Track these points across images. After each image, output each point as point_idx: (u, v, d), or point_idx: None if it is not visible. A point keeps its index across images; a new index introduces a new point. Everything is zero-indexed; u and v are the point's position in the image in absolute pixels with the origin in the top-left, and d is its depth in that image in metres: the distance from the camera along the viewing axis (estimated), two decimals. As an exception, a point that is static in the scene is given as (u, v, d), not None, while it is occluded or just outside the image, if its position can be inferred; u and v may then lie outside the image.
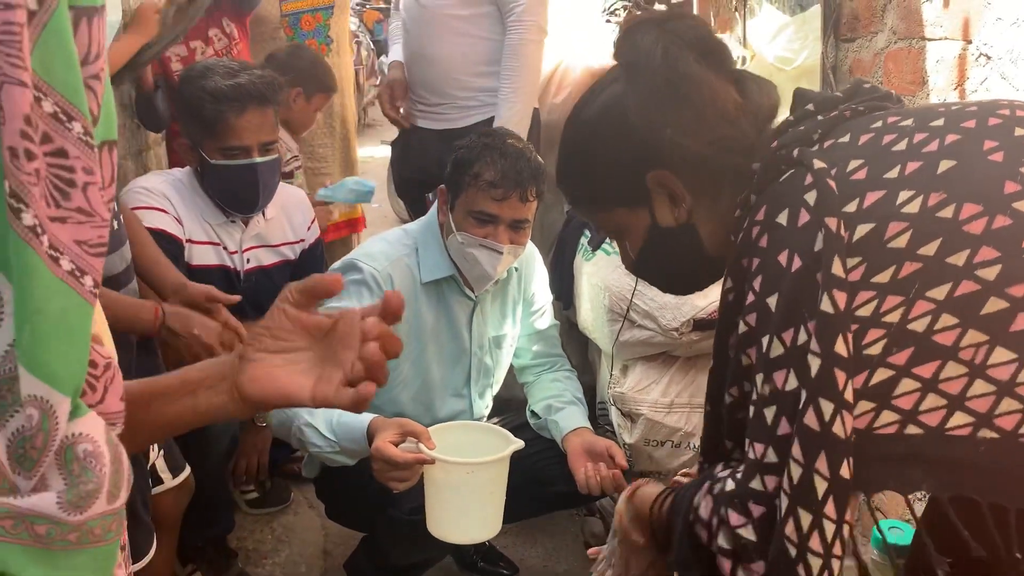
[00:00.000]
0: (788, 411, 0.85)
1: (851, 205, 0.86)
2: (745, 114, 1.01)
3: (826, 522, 0.83)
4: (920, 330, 0.81)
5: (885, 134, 0.91)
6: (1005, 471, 0.80)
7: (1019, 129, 0.87)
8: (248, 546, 2.40)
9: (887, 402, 0.82)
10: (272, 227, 2.27)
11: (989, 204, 0.82)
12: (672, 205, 1.05)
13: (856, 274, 0.83)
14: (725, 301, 0.99)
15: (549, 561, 2.36)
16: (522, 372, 2.22)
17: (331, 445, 1.76)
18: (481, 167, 1.79)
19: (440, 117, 2.62)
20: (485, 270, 1.86)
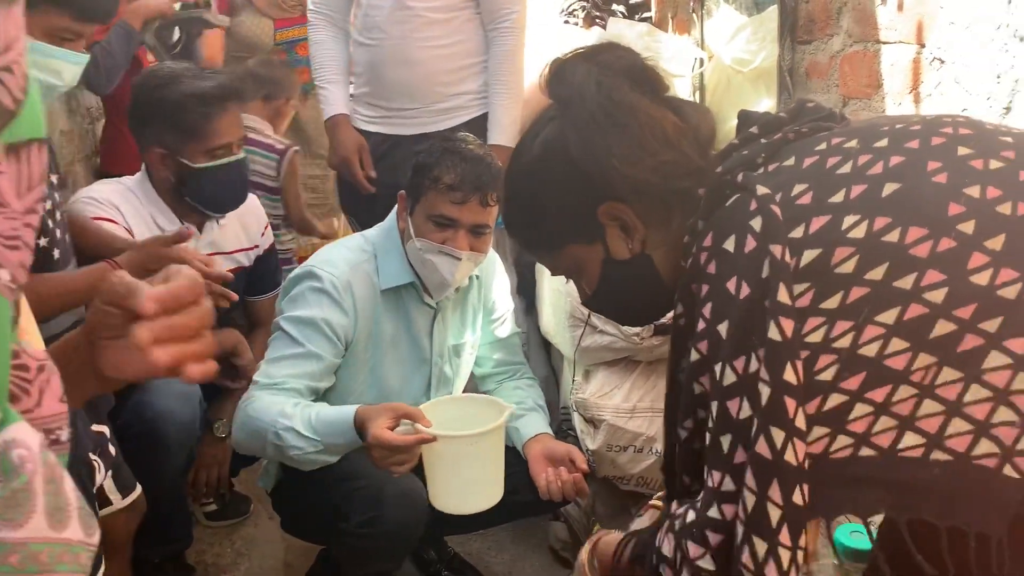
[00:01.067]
0: (743, 439, 0.85)
1: (797, 231, 0.85)
2: (685, 136, 1.01)
3: (781, 550, 0.84)
4: (872, 355, 0.81)
5: (829, 156, 0.90)
6: (961, 494, 0.80)
7: (962, 148, 0.87)
8: (207, 560, 2.35)
9: (842, 427, 0.82)
10: (226, 233, 2.23)
11: (934, 227, 0.82)
12: (625, 236, 1.04)
13: (805, 300, 0.83)
14: (676, 326, 0.99)
15: (514, 567, 2.34)
16: (483, 381, 2.20)
17: (313, 444, 1.69)
18: (441, 171, 1.77)
19: (413, 122, 2.54)
20: (444, 277, 1.83)
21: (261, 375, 1.81)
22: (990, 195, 0.83)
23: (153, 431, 1.89)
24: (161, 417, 1.90)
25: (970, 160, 0.86)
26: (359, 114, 2.61)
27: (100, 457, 1.59)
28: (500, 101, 2.51)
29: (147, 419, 1.89)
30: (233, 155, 2.05)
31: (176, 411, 1.93)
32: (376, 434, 1.57)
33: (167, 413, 1.91)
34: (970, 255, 0.80)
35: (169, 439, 1.92)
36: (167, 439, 1.91)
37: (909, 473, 0.81)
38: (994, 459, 0.79)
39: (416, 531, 1.85)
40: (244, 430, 1.78)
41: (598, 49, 1.07)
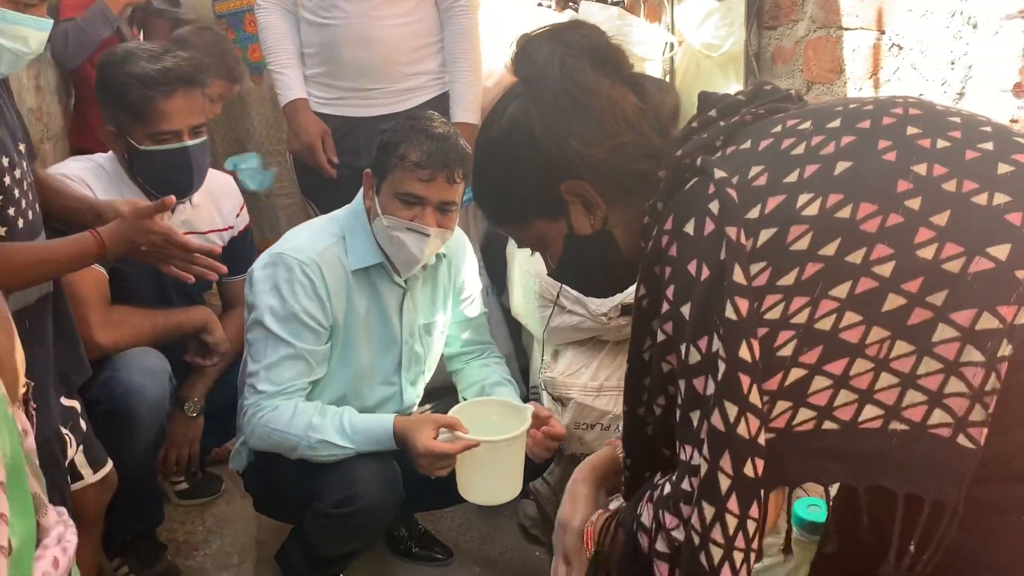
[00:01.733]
0: (707, 415, 0.88)
1: (753, 211, 0.88)
2: (646, 117, 1.04)
3: (728, 516, 0.87)
4: (827, 328, 0.83)
5: (784, 138, 0.93)
6: (917, 462, 0.83)
7: (911, 128, 0.89)
8: (179, 538, 2.37)
9: (803, 400, 0.85)
10: (199, 214, 2.21)
11: (883, 203, 0.84)
12: (587, 213, 1.07)
13: (762, 279, 0.85)
14: (639, 308, 1.01)
15: (484, 544, 2.38)
16: (451, 360, 2.23)
17: (346, 451, 1.82)
18: (407, 148, 1.78)
19: (371, 104, 2.52)
20: (412, 253, 1.85)
21: (264, 383, 1.84)
22: (936, 173, 0.85)
23: (123, 407, 1.90)
24: (131, 393, 1.91)
25: (918, 139, 0.88)
26: (313, 96, 2.56)
27: (71, 431, 1.60)
28: (461, 79, 2.51)
29: (117, 395, 1.90)
30: (181, 142, 2.00)
31: (146, 387, 1.94)
32: (427, 445, 1.72)
33: (137, 390, 1.92)
34: (917, 230, 0.83)
35: (139, 415, 1.93)
36: (137, 415, 1.92)
37: (869, 444, 0.83)
38: (948, 429, 0.82)
39: (391, 511, 1.89)
40: (267, 441, 1.85)
41: (563, 28, 1.09)
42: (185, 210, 2.16)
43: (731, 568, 0.89)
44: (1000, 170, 0.85)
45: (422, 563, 2.28)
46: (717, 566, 0.89)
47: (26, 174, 1.45)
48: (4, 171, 1.38)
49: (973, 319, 0.80)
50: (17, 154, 1.43)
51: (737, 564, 0.89)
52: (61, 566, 0.79)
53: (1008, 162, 0.86)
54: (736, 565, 0.89)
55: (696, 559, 0.89)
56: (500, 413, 1.84)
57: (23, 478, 0.74)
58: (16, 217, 1.41)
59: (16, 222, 1.41)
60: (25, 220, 1.44)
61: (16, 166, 1.41)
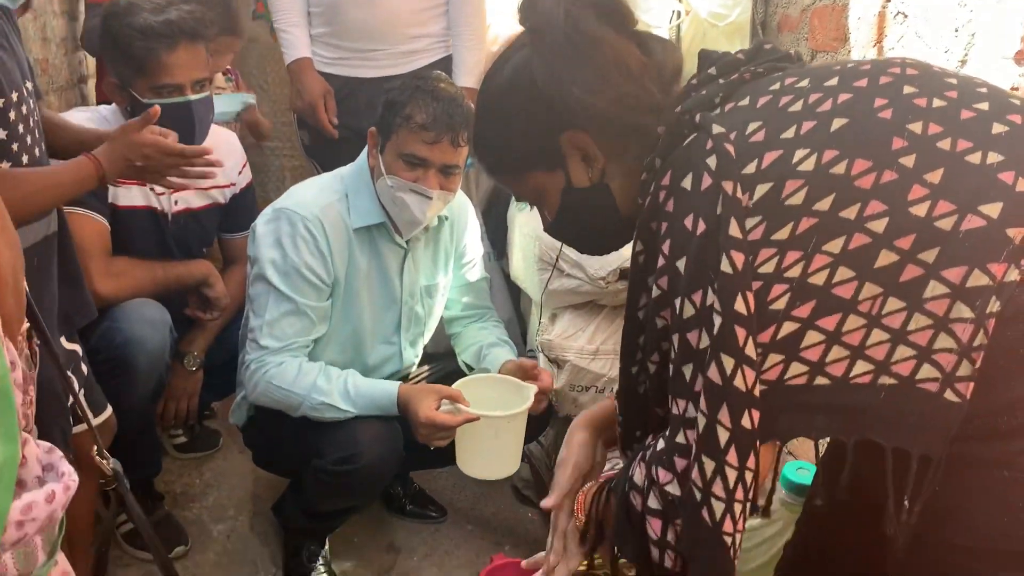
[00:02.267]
0: (702, 368, 0.89)
1: (750, 166, 0.88)
2: (648, 72, 1.04)
3: (728, 469, 0.88)
4: (820, 283, 0.84)
5: (782, 96, 0.93)
6: (905, 416, 0.84)
7: (908, 87, 0.90)
8: (176, 490, 2.40)
9: (795, 354, 0.86)
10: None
11: (878, 160, 0.85)
12: (586, 165, 1.07)
13: (757, 233, 0.86)
14: (636, 263, 1.02)
15: (477, 504, 2.41)
16: (450, 323, 2.25)
17: (348, 414, 1.85)
18: (413, 109, 1.78)
19: (375, 64, 2.52)
20: (414, 214, 1.86)
21: (267, 338, 1.86)
22: (931, 131, 0.86)
23: (123, 357, 1.92)
24: (130, 343, 1.93)
25: (914, 98, 0.88)
26: (318, 56, 2.57)
27: (73, 374, 1.62)
28: (465, 43, 2.51)
29: (117, 345, 1.92)
30: (183, 96, 1.98)
31: (146, 338, 1.95)
32: (429, 416, 1.75)
33: (137, 340, 1.94)
34: (910, 187, 0.83)
35: (138, 365, 1.94)
36: (136, 365, 1.94)
37: (859, 398, 0.84)
38: (935, 383, 0.82)
39: (391, 469, 1.92)
40: (269, 397, 1.86)
41: None
42: None
43: (731, 520, 0.90)
44: (995, 130, 0.86)
45: (416, 520, 2.32)
46: (719, 520, 0.90)
47: (32, 111, 1.45)
48: (11, 105, 1.38)
49: (964, 276, 0.81)
50: (26, 90, 1.43)
51: (736, 515, 0.90)
52: (56, 501, 0.79)
53: (1003, 122, 0.87)
54: (736, 517, 0.90)
55: (698, 515, 0.90)
56: (503, 390, 1.86)
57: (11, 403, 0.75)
58: (20, 153, 1.41)
59: (20, 158, 1.41)
60: (31, 157, 1.44)
61: (23, 102, 1.41)
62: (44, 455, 0.83)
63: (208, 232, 2.28)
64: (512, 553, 2.15)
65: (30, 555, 0.77)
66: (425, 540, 2.26)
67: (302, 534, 2.07)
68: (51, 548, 0.81)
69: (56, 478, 0.82)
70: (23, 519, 0.75)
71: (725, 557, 0.92)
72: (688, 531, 0.93)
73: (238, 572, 2.11)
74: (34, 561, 0.78)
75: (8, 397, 0.72)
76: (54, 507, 0.78)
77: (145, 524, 1.31)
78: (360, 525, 2.25)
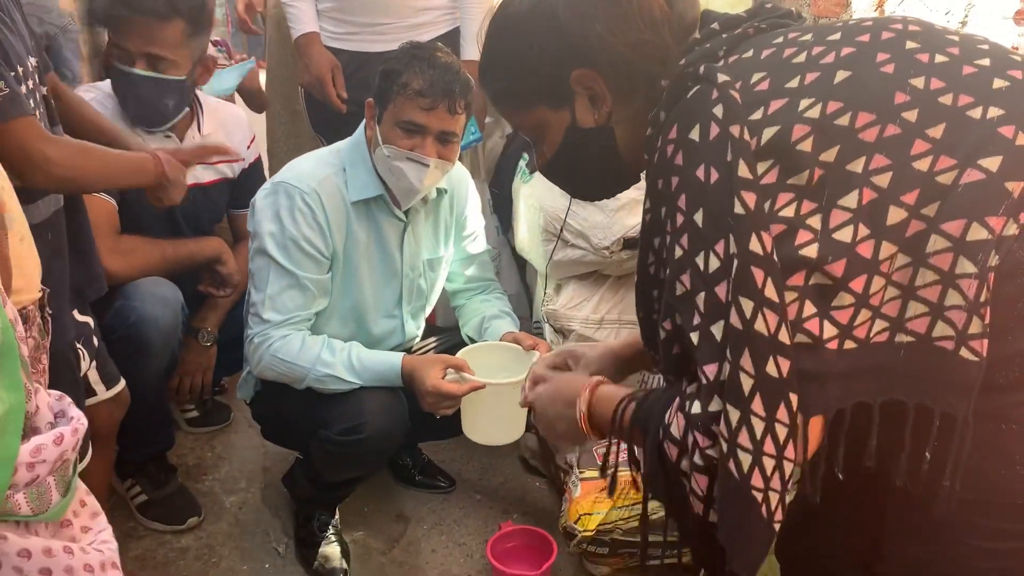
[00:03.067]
0: (727, 318, 0.86)
1: (756, 113, 0.88)
2: (669, 21, 1.03)
3: (754, 419, 0.85)
4: (847, 240, 0.84)
5: (786, 48, 0.94)
6: (925, 374, 0.84)
7: (910, 42, 0.90)
8: (188, 462, 2.43)
9: (826, 311, 0.84)
10: (208, 143, 2.19)
11: (881, 113, 0.85)
12: (592, 106, 1.07)
13: (771, 176, 0.86)
14: (644, 222, 1.02)
15: (485, 475, 2.44)
16: (454, 296, 2.26)
17: (352, 385, 1.87)
18: (409, 76, 1.78)
19: (382, 39, 2.51)
20: (411, 183, 1.86)
21: (270, 311, 1.87)
22: (933, 86, 0.86)
23: (136, 335, 1.94)
24: (144, 321, 1.95)
25: (917, 54, 0.89)
26: (325, 31, 2.57)
27: (84, 346, 1.64)
28: (472, 15, 2.50)
29: (130, 323, 1.94)
30: (130, 66, 1.96)
31: (159, 316, 1.98)
32: (436, 384, 1.77)
33: (150, 317, 1.96)
34: (913, 142, 0.84)
35: (152, 343, 1.97)
36: (150, 343, 1.97)
37: (879, 358, 0.84)
38: (950, 342, 0.83)
39: (396, 440, 1.94)
40: (274, 370, 1.88)
41: None
42: (194, 139, 2.17)
43: (761, 475, 0.86)
44: (995, 85, 0.87)
45: (425, 491, 2.35)
46: (747, 472, 0.86)
47: (38, 87, 1.47)
48: (19, 79, 1.39)
49: (963, 229, 0.82)
50: (31, 65, 1.44)
51: (768, 471, 0.86)
52: (65, 442, 0.82)
53: (1004, 77, 0.87)
54: (767, 472, 0.86)
55: (725, 466, 0.88)
56: (507, 357, 1.88)
57: (14, 356, 0.77)
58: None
59: None
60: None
61: (28, 77, 1.43)
62: (55, 402, 0.86)
63: (217, 207, 2.30)
64: (520, 521, 2.19)
65: (43, 495, 0.81)
66: (434, 510, 2.28)
67: (312, 504, 2.10)
68: (65, 488, 0.84)
69: (66, 423, 0.85)
70: (33, 461, 0.78)
71: (756, 515, 0.88)
72: (719, 487, 0.90)
73: (251, 542, 2.14)
74: (48, 500, 0.82)
75: (13, 350, 0.75)
76: (63, 448, 0.82)
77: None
78: (370, 495, 2.29)
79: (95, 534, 0.92)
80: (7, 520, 0.80)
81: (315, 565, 2.02)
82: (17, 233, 1.07)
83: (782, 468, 0.87)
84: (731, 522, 0.90)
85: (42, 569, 0.81)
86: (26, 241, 1.10)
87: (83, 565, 0.85)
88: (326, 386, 1.86)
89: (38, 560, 0.80)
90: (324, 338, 1.90)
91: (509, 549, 1.99)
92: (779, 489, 0.88)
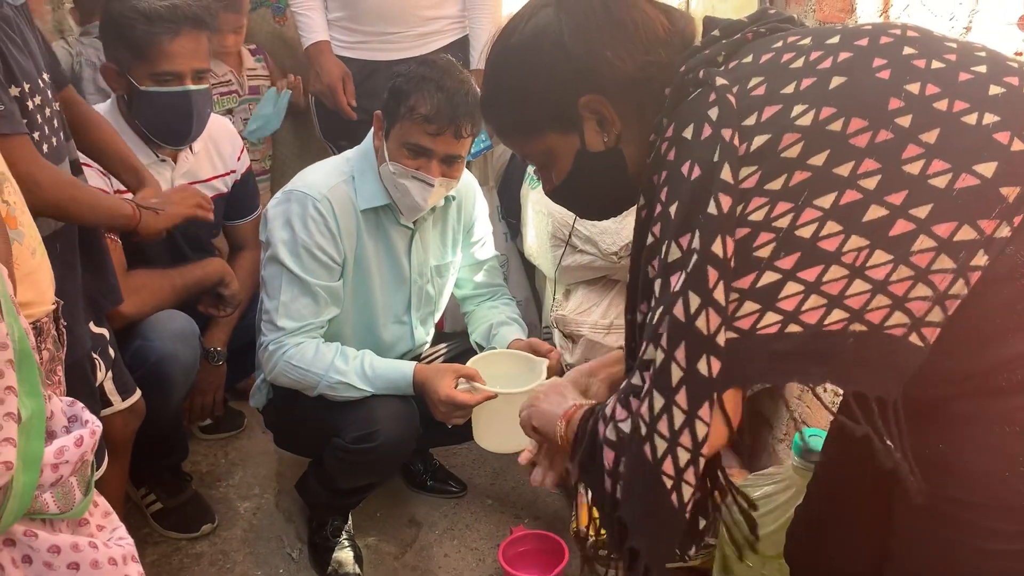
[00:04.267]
0: (671, 307, 0.89)
1: (750, 119, 0.90)
2: (672, 39, 1.04)
3: (676, 410, 0.88)
4: (807, 236, 0.85)
5: (784, 52, 0.95)
6: (865, 361, 0.85)
7: (908, 48, 0.91)
8: (202, 469, 2.46)
9: (772, 304, 0.86)
10: (201, 161, 2.20)
11: (874, 119, 0.86)
12: (600, 129, 1.07)
13: (751, 181, 0.87)
14: (639, 218, 1.03)
15: (496, 479, 2.45)
16: (463, 302, 2.28)
17: (364, 393, 1.88)
18: (417, 100, 1.78)
19: (392, 47, 2.54)
20: (415, 201, 1.88)
21: (284, 319, 1.89)
22: (929, 92, 0.87)
23: (157, 373, 1.94)
24: (164, 360, 1.95)
25: (913, 59, 0.90)
26: (335, 40, 2.59)
27: (100, 357, 1.66)
28: (481, 23, 2.53)
29: (151, 363, 1.93)
30: (183, 85, 1.95)
31: (178, 353, 1.98)
32: (449, 394, 1.79)
33: (170, 356, 1.96)
34: (905, 146, 0.85)
35: (173, 379, 1.98)
36: (171, 379, 1.97)
37: (827, 345, 0.85)
38: (902, 328, 0.84)
39: (408, 447, 1.96)
40: (288, 376, 1.90)
41: None
42: (187, 159, 2.16)
43: (673, 464, 0.89)
44: (991, 91, 0.87)
45: (437, 496, 2.36)
46: (660, 458, 0.89)
47: (48, 102, 1.48)
48: (26, 96, 1.41)
49: (952, 231, 0.83)
50: (41, 81, 1.46)
51: (681, 463, 0.89)
52: (85, 444, 0.85)
53: (1000, 84, 0.88)
54: (680, 463, 0.89)
55: (640, 449, 0.91)
56: (516, 365, 1.88)
57: (32, 363, 0.81)
58: (40, 143, 1.45)
59: (41, 147, 1.45)
60: (49, 146, 1.48)
61: (37, 92, 1.44)
62: (67, 408, 0.90)
63: (215, 222, 2.28)
64: (531, 526, 2.20)
65: (68, 494, 0.85)
66: (446, 514, 2.30)
67: (325, 510, 2.12)
68: (85, 487, 0.88)
69: (81, 426, 0.89)
70: (57, 462, 0.83)
71: (665, 500, 0.91)
72: (628, 465, 0.93)
73: (265, 548, 2.16)
74: (72, 499, 0.86)
75: (30, 357, 0.78)
76: (83, 449, 0.86)
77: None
78: (382, 501, 2.30)
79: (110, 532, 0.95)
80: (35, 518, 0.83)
81: (328, 570, 2.04)
82: (29, 246, 1.10)
83: (696, 463, 0.89)
84: (636, 503, 0.93)
85: (71, 564, 0.84)
86: (38, 254, 1.12)
87: (107, 559, 0.88)
88: (338, 393, 1.88)
89: (67, 555, 0.84)
90: (337, 346, 1.92)
91: (521, 554, 2.00)
92: (692, 483, 0.90)
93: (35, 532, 0.83)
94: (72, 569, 0.85)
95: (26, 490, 0.79)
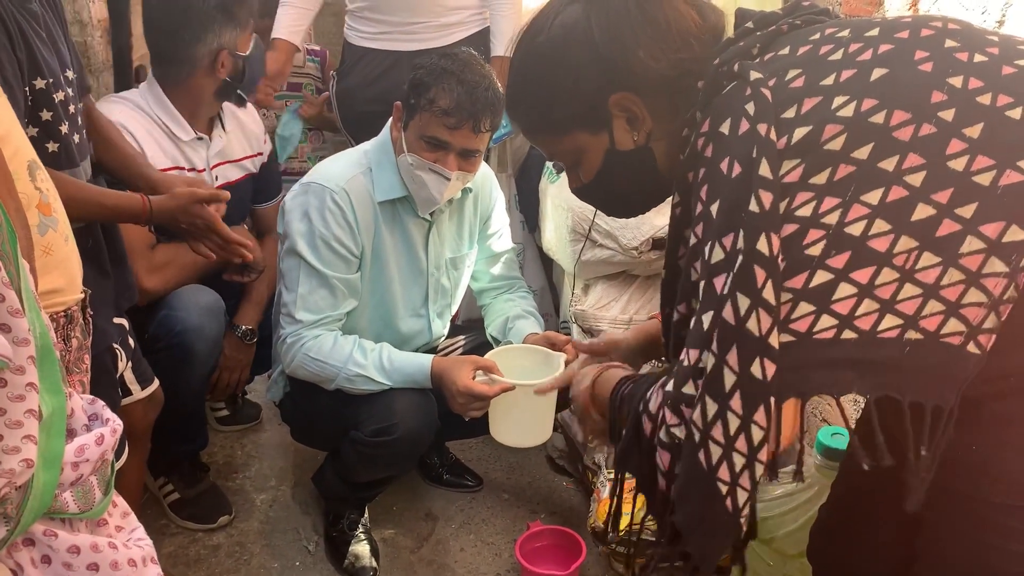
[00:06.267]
0: (719, 310, 0.87)
1: (789, 111, 0.88)
2: (704, 35, 1.03)
3: (730, 415, 0.87)
4: (856, 234, 0.83)
5: (822, 45, 0.93)
6: (923, 370, 0.84)
7: (949, 41, 0.89)
8: (219, 461, 2.46)
9: (826, 306, 0.84)
10: (232, 141, 2.24)
11: (917, 112, 0.84)
12: (630, 127, 1.06)
13: (794, 175, 0.85)
14: (674, 215, 1.02)
15: (512, 474, 2.44)
16: (480, 295, 2.27)
17: (382, 386, 1.88)
18: (437, 93, 1.78)
19: (414, 38, 2.54)
20: (431, 194, 1.87)
21: (302, 311, 1.89)
22: (972, 86, 0.85)
23: (181, 344, 1.95)
24: (189, 331, 1.96)
25: (956, 52, 0.88)
26: (357, 31, 2.60)
27: (121, 347, 1.67)
28: (502, 13, 2.52)
29: (176, 333, 1.95)
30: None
31: (204, 326, 1.99)
32: (467, 385, 1.77)
33: (195, 328, 1.97)
34: (949, 141, 0.83)
35: (198, 353, 1.98)
36: (196, 353, 1.98)
37: (884, 353, 0.84)
38: (959, 337, 0.83)
39: (427, 440, 1.95)
40: (306, 369, 1.90)
41: None
42: (221, 139, 2.19)
43: (729, 470, 0.88)
44: None
45: (453, 490, 2.36)
46: (715, 465, 0.88)
47: (72, 99, 1.49)
48: (51, 88, 1.42)
49: (1001, 231, 0.81)
50: (64, 79, 1.47)
51: (736, 468, 0.88)
52: (105, 442, 0.84)
53: None
54: (735, 468, 0.88)
55: (694, 456, 0.90)
56: (534, 359, 1.87)
57: (53, 360, 0.80)
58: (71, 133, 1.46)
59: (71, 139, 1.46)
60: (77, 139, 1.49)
61: (61, 87, 1.45)
62: (88, 406, 0.89)
63: (245, 203, 2.31)
64: (548, 521, 2.19)
65: (88, 493, 0.84)
66: (462, 508, 2.30)
67: (342, 503, 2.12)
68: (105, 486, 0.88)
69: (102, 424, 0.88)
70: (78, 460, 0.82)
71: (720, 506, 0.90)
72: (683, 472, 0.92)
73: (281, 539, 2.16)
74: (92, 499, 0.85)
75: (51, 354, 0.77)
76: (103, 448, 0.85)
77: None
78: (399, 494, 2.30)
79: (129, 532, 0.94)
80: (55, 518, 0.82)
81: (345, 563, 2.04)
82: (62, 233, 1.10)
83: (752, 468, 0.89)
84: (691, 509, 0.93)
85: (90, 564, 0.83)
86: (70, 242, 1.12)
87: (127, 560, 0.87)
88: (356, 386, 1.87)
89: (86, 556, 0.83)
90: (355, 338, 1.91)
91: (538, 549, 2.00)
92: (748, 488, 0.89)
93: (55, 532, 0.82)
94: (92, 570, 0.84)
95: (46, 489, 0.78)
